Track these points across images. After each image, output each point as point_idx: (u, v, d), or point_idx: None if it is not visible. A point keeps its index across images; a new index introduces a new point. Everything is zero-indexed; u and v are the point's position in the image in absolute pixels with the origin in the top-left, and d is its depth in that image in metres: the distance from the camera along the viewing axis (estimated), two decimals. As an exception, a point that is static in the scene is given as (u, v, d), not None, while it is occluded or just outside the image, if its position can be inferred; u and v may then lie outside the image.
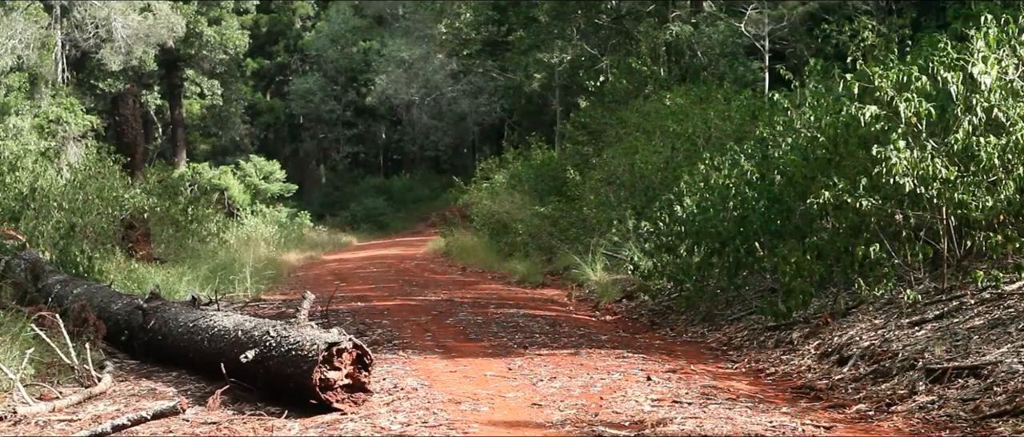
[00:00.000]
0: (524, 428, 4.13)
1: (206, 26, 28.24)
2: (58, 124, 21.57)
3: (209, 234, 14.76)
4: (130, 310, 6.24)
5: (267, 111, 34.39)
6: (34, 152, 14.49)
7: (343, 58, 33.86)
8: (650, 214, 9.05)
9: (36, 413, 4.43)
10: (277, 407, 4.54)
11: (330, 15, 35.11)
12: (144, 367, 5.76)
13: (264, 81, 35.82)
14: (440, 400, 4.67)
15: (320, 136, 34.88)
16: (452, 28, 26.27)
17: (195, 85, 29.84)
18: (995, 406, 4.00)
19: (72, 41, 24.39)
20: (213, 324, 5.34)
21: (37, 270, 7.70)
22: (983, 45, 5.65)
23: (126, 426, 4.14)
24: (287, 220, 23.59)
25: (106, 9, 23.92)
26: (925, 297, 5.87)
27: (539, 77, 23.45)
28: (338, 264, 16.25)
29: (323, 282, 11.91)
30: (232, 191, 24.84)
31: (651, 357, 5.93)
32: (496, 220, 15.29)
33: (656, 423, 4.09)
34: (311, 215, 26.11)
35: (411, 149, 35.44)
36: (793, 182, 6.65)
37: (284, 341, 4.61)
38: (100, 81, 25.26)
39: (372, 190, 31.77)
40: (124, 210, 11.89)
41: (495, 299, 9.50)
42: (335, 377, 4.43)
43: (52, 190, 11.29)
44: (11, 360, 4.91)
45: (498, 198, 16.15)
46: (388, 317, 8.07)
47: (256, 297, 9.94)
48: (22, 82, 21.73)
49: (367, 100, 33.06)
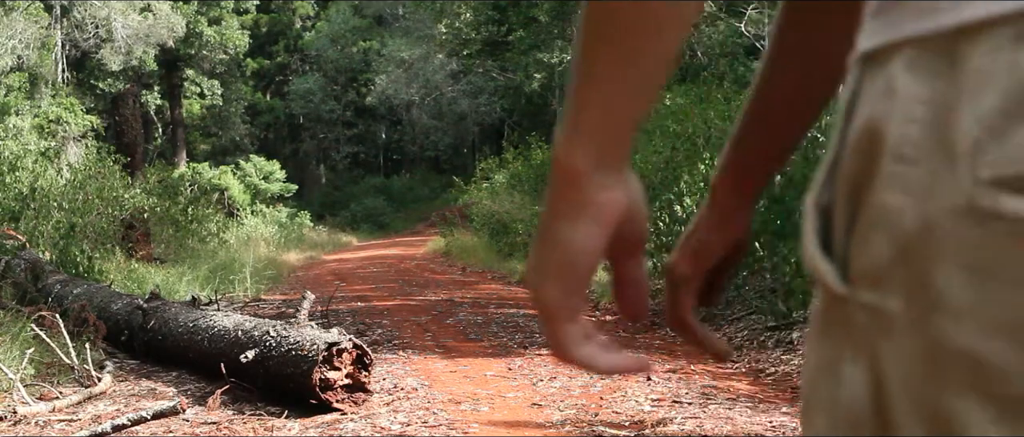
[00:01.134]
0: (524, 428, 4.13)
1: (206, 26, 28.26)
2: (58, 124, 21.58)
3: (209, 234, 14.77)
4: (130, 310, 6.24)
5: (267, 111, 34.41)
6: (34, 152, 14.50)
7: (343, 58, 33.89)
8: (650, 214, 9.05)
9: (36, 413, 4.43)
10: (277, 407, 4.54)
11: (330, 15, 35.14)
12: (144, 367, 5.76)
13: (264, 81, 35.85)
14: (440, 400, 4.67)
15: (320, 136, 34.91)
16: (452, 28, 26.28)
17: (195, 85, 29.86)
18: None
19: (72, 41, 24.39)
20: (213, 324, 5.34)
21: (37, 270, 7.70)
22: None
23: (126, 426, 4.14)
24: (287, 220, 23.60)
25: (106, 9, 23.93)
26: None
27: (539, 77, 23.47)
28: (338, 264, 16.26)
29: (323, 282, 11.91)
30: (232, 191, 24.84)
31: (651, 357, 5.94)
32: (496, 220, 15.29)
33: (656, 423, 4.09)
34: (311, 215, 26.13)
35: (411, 149, 35.47)
36: (793, 182, 6.65)
37: (284, 341, 4.61)
38: (100, 81, 25.27)
39: (372, 190, 31.80)
40: (124, 210, 11.89)
41: (495, 299, 9.50)
42: (335, 377, 4.43)
43: (52, 190, 11.29)
44: (11, 360, 4.91)
45: (498, 198, 16.15)
46: (388, 317, 8.07)
47: (256, 297, 9.94)
48: (22, 82, 21.74)
49: (367, 100, 33.07)
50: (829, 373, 0.55)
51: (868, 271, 0.51)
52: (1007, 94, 0.45)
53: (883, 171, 0.50)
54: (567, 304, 0.64)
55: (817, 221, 0.57)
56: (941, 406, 0.48)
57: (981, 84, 0.46)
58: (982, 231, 0.46)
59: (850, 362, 0.53)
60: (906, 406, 0.50)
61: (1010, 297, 0.45)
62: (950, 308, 0.47)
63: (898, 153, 0.49)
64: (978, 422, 0.47)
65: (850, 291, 0.53)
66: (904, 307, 0.49)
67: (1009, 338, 0.45)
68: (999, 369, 0.46)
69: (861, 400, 0.52)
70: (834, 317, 0.55)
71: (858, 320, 0.52)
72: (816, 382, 0.57)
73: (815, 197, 0.58)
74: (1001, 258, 0.46)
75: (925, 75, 0.49)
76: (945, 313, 0.47)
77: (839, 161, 0.55)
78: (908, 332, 0.49)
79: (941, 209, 0.47)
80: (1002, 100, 0.45)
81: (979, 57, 0.47)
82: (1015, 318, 0.45)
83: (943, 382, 0.48)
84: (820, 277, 0.56)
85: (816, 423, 0.57)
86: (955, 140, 0.47)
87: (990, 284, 0.46)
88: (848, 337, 0.53)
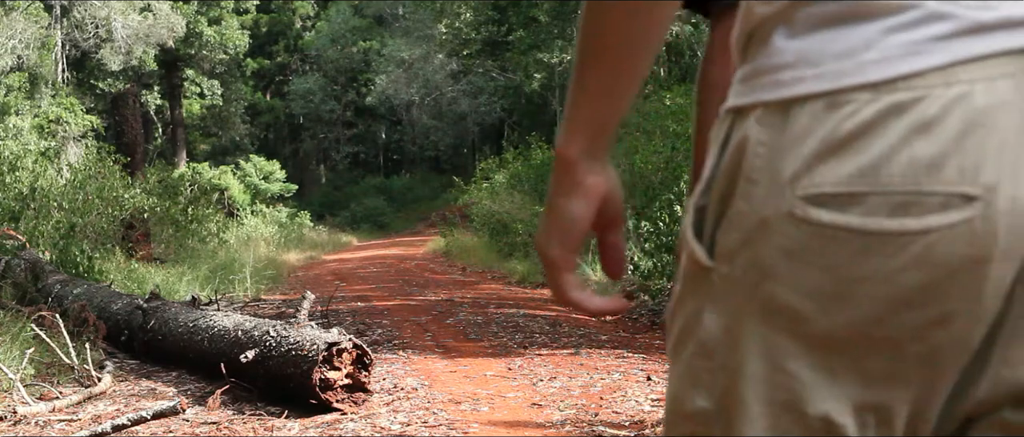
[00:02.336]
0: (524, 428, 4.13)
1: (206, 26, 28.27)
2: (58, 124, 21.58)
3: (209, 234, 14.76)
4: (130, 310, 6.24)
5: (267, 111, 34.42)
6: (34, 152, 14.50)
7: (343, 58, 33.89)
8: (650, 214, 9.04)
9: (36, 413, 4.43)
10: (277, 407, 4.54)
11: (330, 15, 35.14)
12: (144, 367, 5.76)
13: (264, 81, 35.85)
14: (440, 400, 4.67)
15: (320, 136, 34.92)
16: (452, 28, 26.26)
17: (195, 85, 29.87)
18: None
19: (72, 41, 24.40)
20: (213, 324, 5.34)
21: (37, 270, 7.70)
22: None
23: (126, 426, 4.14)
24: (287, 220, 23.59)
25: (106, 9, 23.94)
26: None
27: (539, 77, 23.47)
28: (338, 264, 16.26)
29: (323, 282, 11.91)
30: (232, 191, 24.84)
31: (651, 357, 5.93)
32: (496, 220, 15.27)
33: (656, 423, 4.09)
34: (311, 215, 26.11)
35: (411, 149, 35.47)
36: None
37: (284, 341, 4.61)
38: (100, 81, 25.28)
39: (372, 190, 31.80)
40: (124, 210, 11.89)
41: (495, 299, 9.50)
42: (335, 377, 4.43)
43: (52, 190, 11.29)
44: (11, 360, 4.91)
45: (498, 198, 16.14)
46: (388, 317, 8.07)
47: (256, 297, 9.94)
48: (22, 82, 21.74)
49: (367, 100, 33.08)
50: (695, 319, 0.78)
51: (725, 251, 0.75)
52: (818, 144, 0.70)
53: (739, 187, 0.74)
54: (567, 258, 0.88)
55: (694, 216, 0.80)
56: (768, 341, 0.73)
57: (802, 136, 0.71)
58: (797, 229, 0.71)
59: (709, 312, 0.77)
60: (745, 342, 0.74)
61: (812, 272, 0.71)
62: (775, 277, 0.73)
63: (748, 176, 0.74)
64: (787, 351, 0.73)
65: (714, 264, 0.76)
66: (744, 276, 0.74)
67: (811, 297, 0.71)
68: (804, 316, 0.72)
69: (716, 336, 0.77)
70: (700, 281, 0.78)
71: (716, 283, 0.76)
72: (685, 325, 0.80)
73: (695, 200, 0.80)
74: (807, 247, 0.71)
75: (768, 127, 0.73)
76: (771, 280, 0.73)
77: (714, 178, 0.78)
78: (748, 293, 0.74)
79: (771, 214, 0.72)
80: (814, 147, 0.70)
81: (803, 117, 0.71)
82: (814, 284, 0.71)
83: (770, 325, 0.73)
84: (692, 253, 0.78)
85: (683, 353, 0.80)
86: (783, 171, 0.71)
87: (800, 263, 0.72)
88: (709, 295, 0.77)
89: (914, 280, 0.69)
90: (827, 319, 0.71)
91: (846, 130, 0.69)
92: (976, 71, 0.69)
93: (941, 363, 0.71)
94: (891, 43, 0.70)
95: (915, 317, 0.70)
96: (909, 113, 0.68)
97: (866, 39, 0.70)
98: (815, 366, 0.72)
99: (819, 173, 0.70)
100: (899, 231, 0.69)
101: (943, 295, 0.70)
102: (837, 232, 0.70)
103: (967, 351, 0.71)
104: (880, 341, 0.71)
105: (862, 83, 0.70)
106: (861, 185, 0.69)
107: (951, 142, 0.68)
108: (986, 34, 0.69)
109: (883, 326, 0.71)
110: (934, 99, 0.68)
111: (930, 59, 0.69)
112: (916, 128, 0.68)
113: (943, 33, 0.69)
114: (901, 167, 0.68)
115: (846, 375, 0.72)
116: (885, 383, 0.72)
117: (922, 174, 0.68)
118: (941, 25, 0.69)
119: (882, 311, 0.70)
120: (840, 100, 0.70)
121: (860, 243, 0.70)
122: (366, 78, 33.28)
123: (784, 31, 0.74)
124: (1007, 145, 0.68)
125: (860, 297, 0.70)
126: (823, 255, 0.71)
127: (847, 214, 0.70)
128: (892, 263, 0.69)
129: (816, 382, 0.72)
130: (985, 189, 0.68)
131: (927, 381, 0.72)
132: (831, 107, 0.70)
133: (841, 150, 0.70)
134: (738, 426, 0.75)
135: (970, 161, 0.68)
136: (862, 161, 0.69)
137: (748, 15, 0.78)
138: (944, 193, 0.68)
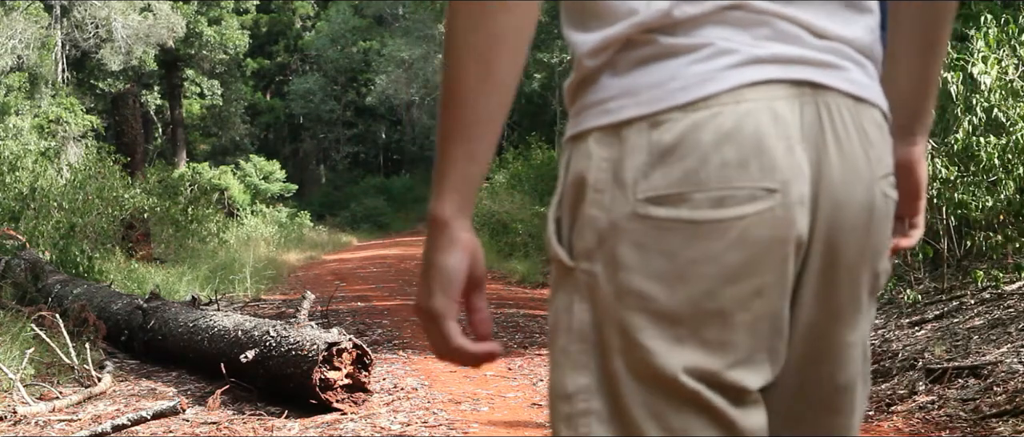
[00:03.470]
0: (524, 428, 4.13)
1: (206, 26, 28.25)
2: (58, 124, 21.57)
3: (209, 234, 14.76)
4: (130, 310, 6.24)
5: (267, 111, 34.41)
6: (34, 152, 14.50)
7: (343, 58, 33.87)
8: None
9: (36, 413, 4.43)
10: (277, 407, 4.54)
11: (330, 15, 35.12)
12: (144, 367, 5.76)
13: (264, 81, 35.84)
14: (440, 400, 4.67)
15: (320, 136, 34.91)
16: (452, 28, 26.20)
17: (195, 85, 29.86)
18: (995, 406, 4.00)
19: (72, 41, 24.39)
20: (213, 324, 5.34)
21: (37, 270, 7.70)
22: (983, 45, 5.65)
23: (126, 426, 4.14)
24: (287, 220, 23.58)
25: (106, 9, 23.93)
26: (925, 297, 5.87)
27: (539, 77, 23.47)
28: (338, 264, 16.25)
29: (323, 282, 11.90)
30: (232, 191, 24.83)
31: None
32: (496, 220, 15.28)
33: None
34: (311, 215, 26.09)
35: (411, 149, 35.45)
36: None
37: (284, 341, 4.61)
38: (100, 81, 25.27)
39: (372, 190, 31.76)
40: (124, 210, 11.88)
41: (495, 299, 9.50)
42: (335, 377, 4.43)
43: (52, 190, 11.29)
44: (11, 360, 4.91)
45: (498, 198, 16.14)
46: (388, 317, 8.07)
47: (256, 297, 9.93)
48: (22, 82, 21.73)
49: (367, 100, 33.07)
50: (566, 311, 0.93)
51: (582, 251, 0.91)
52: (648, 156, 0.88)
53: (587, 197, 0.90)
54: (450, 307, 0.96)
55: (553, 226, 0.95)
56: (624, 320, 0.89)
57: (634, 150, 0.88)
58: (641, 225, 0.88)
59: (578, 302, 0.92)
60: (608, 322, 0.90)
61: (656, 258, 0.88)
62: (627, 267, 0.88)
63: (595, 187, 0.90)
64: (641, 326, 0.88)
65: (575, 263, 0.92)
66: (603, 269, 0.90)
67: (657, 279, 0.88)
68: (652, 296, 0.88)
69: (586, 322, 0.92)
70: (566, 279, 0.93)
71: (580, 279, 0.92)
72: (558, 316, 0.94)
73: (553, 213, 0.95)
74: (651, 239, 0.88)
75: (606, 146, 0.90)
76: (624, 269, 0.89)
77: (564, 193, 0.94)
78: (606, 282, 0.90)
79: (619, 215, 0.88)
80: (645, 158, 0.88)
81: (632, 136, 0.88)
82: (659, 268, 0.87)
83: (625, 306, 0.89)
84: (557, 257, 0.94)
85: (559, 342, 0.94)
86: (624, 179, 0.88)
87: (646, 252, 0.88)
88: (575, 289, 0.92)
89: (735, 258, 0.87)
90: (671, 296, 0.87)
91: (667, 142, 0.87)
92: (759, 93, 0.88)
93: (761, 331, 0.90)
94: (691, 73, 0.88)
95: (739, 290, 0.88)
96: (711, 125, 0.86)
97: (672, 72, 0.88)
98: (664, 336, 0.88)
99: (654, 178, 0.87)
100: (719, 219, 0.86)
101: (758, 270, 0.88)
102: (673, 224, 0.87)
103: (781, 319, 0.91)
104: (714, 313, 0.88)
105: (673, 105, 0.87)
106: (687, 185, 0.86)
107: (750, 148, 0.86)
108: (763, 65, 0.88)
109: (715, 298, 0.87)
110: (728, 114, 0.87)
111: (722, 84, 0.87)
112: (721, 137, 0.86)
113: (730, 64, 0.88)
114: (716, 168, 0.86)
115: (689, 342, 0.88)
116: (721, 349, 0.88)
117: (733, 173, 0.86)
118: (727, 58, 0.88)
119: (713, 286, 0.87)
120: (659, 119, 0.87)
121: (691, 231, 0.87)
122: (366, 78, 33.27)
123: (609, 73, 0.91)
124: (791, 150, 0.88)
125: (695, 276, 0.87)
126: (664, 244, 0.87)
127: (679, 209, 0.87)
128: (717, 245, 0.87)
129: (666, 350, 0.88)
130: (781, 184, 0.87)
131: (753, 347, 0.90)
132: (653, 126, 0.88)
133: (668, 158, 0.87)
134: (617, 393, 0.90)
135: (767, 162, 0.87)
136: (686, 166, 0.86)
137: (580, 67, 0.94)
138: (751, 187, 0.86)
